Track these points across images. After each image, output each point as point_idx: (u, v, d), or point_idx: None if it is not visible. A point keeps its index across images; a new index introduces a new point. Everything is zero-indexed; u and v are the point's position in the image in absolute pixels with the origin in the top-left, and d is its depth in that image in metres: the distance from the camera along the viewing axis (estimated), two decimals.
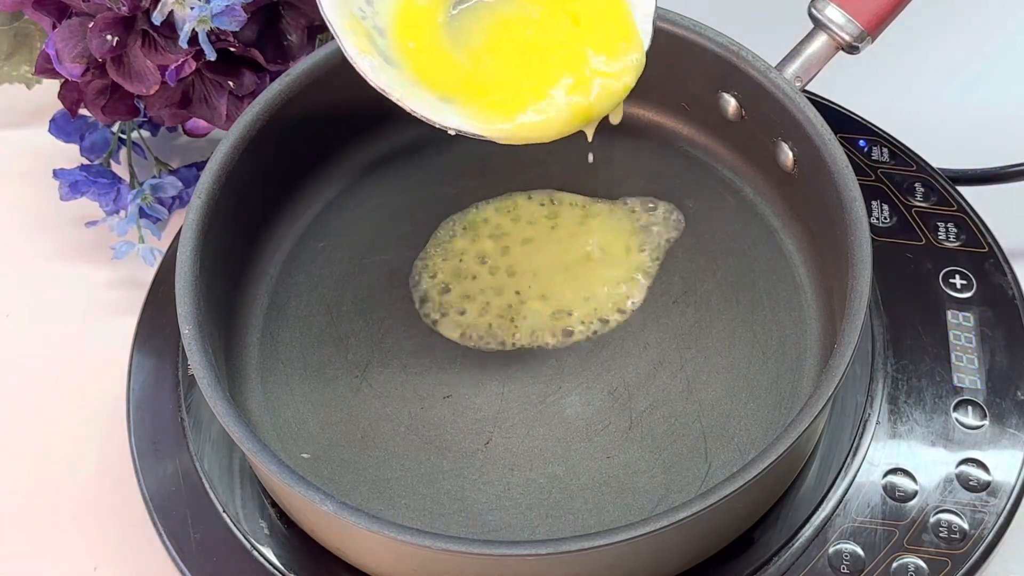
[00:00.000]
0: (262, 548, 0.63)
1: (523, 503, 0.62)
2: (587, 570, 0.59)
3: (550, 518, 0.62)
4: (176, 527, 0.64)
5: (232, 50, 0.71)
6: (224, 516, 0.64)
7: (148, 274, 0.72)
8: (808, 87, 0.66)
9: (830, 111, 0.74)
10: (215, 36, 0.70)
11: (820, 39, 0.66)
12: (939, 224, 0.71)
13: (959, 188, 0.72)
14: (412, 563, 0.59)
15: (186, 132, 0.78)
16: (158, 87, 0.71)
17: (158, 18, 0.68)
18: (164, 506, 0.64)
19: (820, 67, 0.66)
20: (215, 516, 0.64)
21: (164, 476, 0.65)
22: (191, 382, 0.66)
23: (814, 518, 0.63)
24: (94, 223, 0.76)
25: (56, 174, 0.75)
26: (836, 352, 0.58)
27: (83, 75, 0.72)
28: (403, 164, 0.72)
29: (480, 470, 0.63)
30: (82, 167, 0.76)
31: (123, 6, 0.69)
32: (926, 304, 0.68)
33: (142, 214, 0.75)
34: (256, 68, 0.72)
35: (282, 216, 0.71)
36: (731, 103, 0.68)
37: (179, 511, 0.64)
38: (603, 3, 0.62)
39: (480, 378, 0.66)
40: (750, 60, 0.66)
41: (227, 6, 0.68)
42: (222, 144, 0.65)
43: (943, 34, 0.85)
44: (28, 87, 0.80)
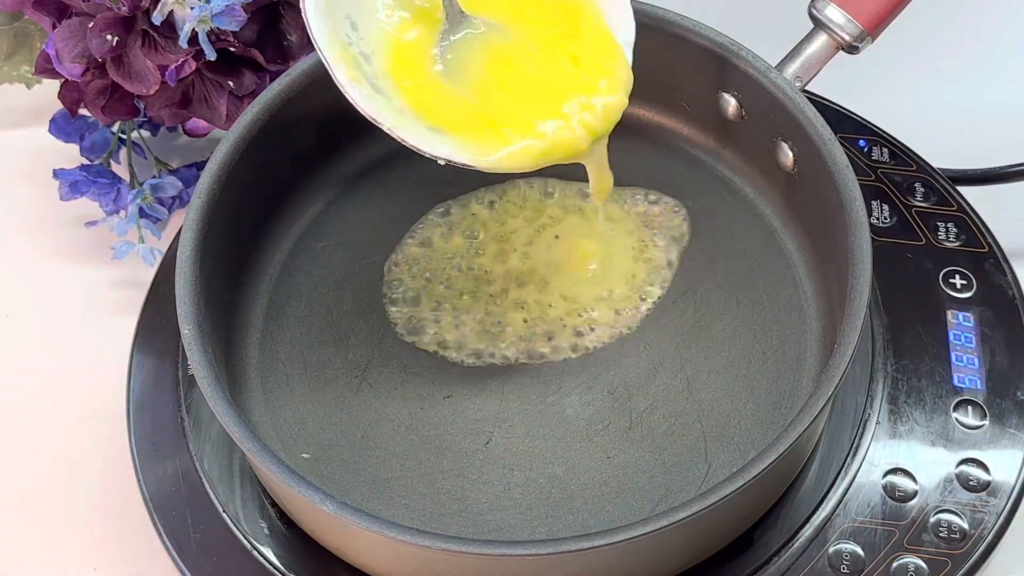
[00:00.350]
0: (262, 548, 0.63)
1: (523, 503, 0.62)
2: (587, 570, 0.59)
3: (550, 518, 0.62)
4: (176, 527, 0.64)
5: (232, 50, 0.71)
6: (224, 516, 0.64)
7: (148, 274, 0.72)
8: (808, 87, 0.66)
9: (830, 111, 0.74)
10: (215, 36, 0.70)
11: (820, 39, 0.66)
12: (939, 224, 0.71)
13: (959, 188, 0.72)
14: (412, 563, 0.59)
15: (186, 132, 0.78)
16: (158, 87, 0.71)
17: (158, 18, 0.68)
18: (164, 506, 0.64)
19: (820, 67, 0.66)
20: (215, 516, 0.64)
21: (164, 476, 0.65)
22: (191, 382, 0.66)
23: (814, 518, 0.63)
24: (94, 223, 0.76)
25: (56, 174, 0.75)
26: (836, 352, 0.58)
27: (83, 75, 0.72)
28: (403, 164, 0.72)
29: (480, 470, 0.63)
30: (82, 167, 0.76)
31: (123, 6, 0.69)
32: (926, 304, 0.68)
33: (142, 214, 0.75)
34: (256, 68, 0.72)
35: (282, 216, 0.71)
36: (731, 103, 0.68)
37: (179, 511, 0.64)
38: (594, 36, 0.62)
39: (480, 378, 0.66)
40: (750, 60, 0.66)
41: (227, 6, 0.68)
42: (222, 144, 0.65)
43: (943, 34, 0.85)
44: (28, 87, 0.80)
